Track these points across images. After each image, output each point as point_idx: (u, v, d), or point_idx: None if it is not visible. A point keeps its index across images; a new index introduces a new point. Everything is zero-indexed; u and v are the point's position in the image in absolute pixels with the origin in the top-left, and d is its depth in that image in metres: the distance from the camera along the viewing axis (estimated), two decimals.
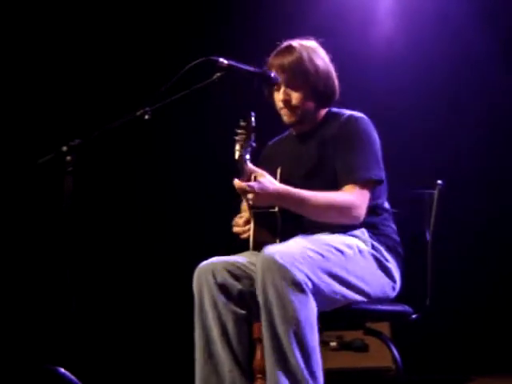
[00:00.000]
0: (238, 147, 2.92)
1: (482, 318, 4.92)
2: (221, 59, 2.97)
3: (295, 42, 3.22)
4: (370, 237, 3.08)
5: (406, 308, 3.16)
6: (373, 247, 3.06)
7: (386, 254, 3.09)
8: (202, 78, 2.99)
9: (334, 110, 3.27)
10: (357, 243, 3.02)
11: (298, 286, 2.74)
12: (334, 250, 2.93)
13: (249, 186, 2.84)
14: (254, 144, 2.94)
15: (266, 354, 2.78)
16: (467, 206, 4.91)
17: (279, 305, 2.73)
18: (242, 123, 2.92)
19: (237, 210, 3.23)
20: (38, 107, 5.01)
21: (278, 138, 3.44)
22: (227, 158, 3.01)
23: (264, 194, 2.88)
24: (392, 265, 3.11)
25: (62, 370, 2.17)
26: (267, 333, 2.75)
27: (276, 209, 3.04)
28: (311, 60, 3.16)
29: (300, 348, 2.72)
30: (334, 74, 3.23)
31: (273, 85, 3.15)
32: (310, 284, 2.77)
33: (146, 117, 2.95)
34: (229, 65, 2.98)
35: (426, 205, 3.43)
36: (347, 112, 3.22)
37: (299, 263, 2.77)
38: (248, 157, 2.91)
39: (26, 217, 4.92)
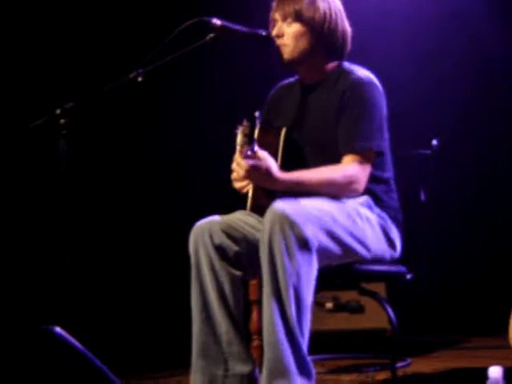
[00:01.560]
0: (238, 141, 2.84)
1: (478, 277, 4.94)
2: (214, 20, 2.95)
3: None
4: (375, 205, 3.07)
5: (401, 268, 3.17)
6: (379, 216, 3.06)
7: (390, 223, 3.09)
8: (196, 38, 2.98)
9: (346, 65, 3.17)
10: (365, 211, 3.02)
11: (306, 243, 2.76)
12: (343, 214, 2.93)
13: (245, 166, 2.82)
14: (255, 149, 2.81)
15: (264, 306, 2.79)
16: (464, 166, 4.91)
17: (284, 257, 2.73)
18: (245, 124, 2.80)
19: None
20: (31, 70, 4.98)
21: (289, 82, 3.31)
22: (222, 119, 2.98)
23: (258, 180, 2.88)
24: (395, 235, 3.11)
25: (59, 329, 2.18)
26: (269, 285, 2.76)
27: None
28: (314, 0, 3.07)
29: (296, 301, 2.74)
30: (339, 23, 3.11)
31: (267, 44, 3.11)
32: (316, 243, 2.79)
33: (139, 79, 2.95)
34: (222, 25, 2.96)
35: (421, 165, 3.43)
36: (358, 72, 3.12)
37: (308, 219, 2.79)
38: (249, 153, 2.80)
39: (20, 180, 4.91)
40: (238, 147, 2.86)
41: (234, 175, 2.99)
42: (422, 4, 4.98)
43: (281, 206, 2.79)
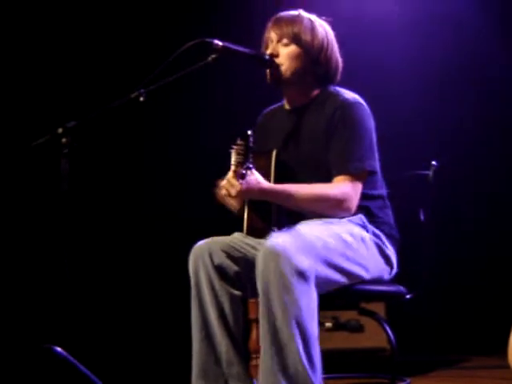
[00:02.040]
0: (233, 161, 2.84)
1: (477, 297, 4.94)
2: (215, 41, 2.97)
3: (302, 11, 3.19)
4: (369, 223, 3.07)
5: (401, 288, 3.17)
6: (373, 234, 3.06)
7: (385, 240, 3.10)
8: (197, 59, 3.00)
9: (331, 88, 3.19)
10: (360, 231, 3.02)
11: (302, 275, 2.74)
12: (337, 238, 2.92)
13: (234, 182, 2.83)
14: (251, 166, 2.84)
15: (262, 344, 2.76)
16: (462, 187, 4.92)
17: (281, 291, 2.70)
18: (240, 142, 2.84)
19: None
20: (33, 89, 5.00)
21: (273, 108, 3.36)
22: (222, 139, 2.99)
23: (247, 191, 2.88)
24: (391, 251, 3.11)
25: (59, 349, 2.18)
26: (265, 323, 2.74)
27: None
28: (313, 26, 3.13)
29: (301, 335, 2.71)
30: (334, 53, 3.17)
31: (267, 66, 3.13)
32: (313, 274, 2.77)
33: (141, 99, 2.96)
34: (223, 46, 2.98)
35: (420, 186, 3.44)
36: (345, 94, 3.14)
37: (303, 251, 2.77)
38: (243, 172, 2.82)
39: (22, 199, 4.92)
40: (232, 167, 2.86)
41: (223, 192, 2.99)
42: (422, 23, 5.01)
43: (273, 242, 2.77)
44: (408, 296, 3.21)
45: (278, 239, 2.78)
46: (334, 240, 2.91)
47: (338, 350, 4.37)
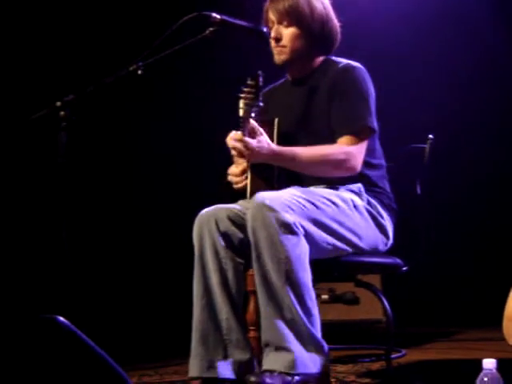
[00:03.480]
0: (242, 105, 2.89)
1: (472, 270, 4.98)
2: (214, 14, 2.97)
3: None
4: (366, 192, 3.09)
5: (397, 260, 3.19)
6: (368, 203, 3.08)
7: (381, 210, 3.11)
8: (196, 33, 3.00)
9: (332, 57, 3.24)
10: (352, 197, 3.04)
11: (288, 228, 2.77)
12: (327, 202, 2.94)
13: (248, 142, 2.87)
14: (261, 104, 2.90)
15: (258, 296, 2.82)
16: (459, 160, 4.94)
17: (270, 246, 2.75)
18: (250, 82, 2.88)
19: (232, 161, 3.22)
20: (32, 63, 5.00)
21: (273, 85, 3.40)
22: (224, 110, 3.00)
23: (259, 153, 2.91)
24: (386, 222, 3.13)
25: (61, 318, 2.18)
26: (258, 274, 2.79)
27: None
28: (309, 2, 3.15)
29: (292, 287, 2.75)
30: (333, 21, 3.20)
31: (265, 40, 3.14)
32: (300, 227, 2.80)
33: (139, 72, 2.96)
34: (222, 20, 2.98)
35: (417, 159, 3.46)
36: (344, 61, 3.20)
37: (290, 208, 2.80)
38: (253, 115, 2.88)
39: (20, 172, 4.93)
40: (241, 111, 2.88)
41: (233, 152, 3.00)
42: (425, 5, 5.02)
43: (261, 196, 2.82)
44: (404, 268, 3.23)
45: (266, 196, 2.82)
46: (326, 204, 2.94)
47: (334, 322, 4.40)
